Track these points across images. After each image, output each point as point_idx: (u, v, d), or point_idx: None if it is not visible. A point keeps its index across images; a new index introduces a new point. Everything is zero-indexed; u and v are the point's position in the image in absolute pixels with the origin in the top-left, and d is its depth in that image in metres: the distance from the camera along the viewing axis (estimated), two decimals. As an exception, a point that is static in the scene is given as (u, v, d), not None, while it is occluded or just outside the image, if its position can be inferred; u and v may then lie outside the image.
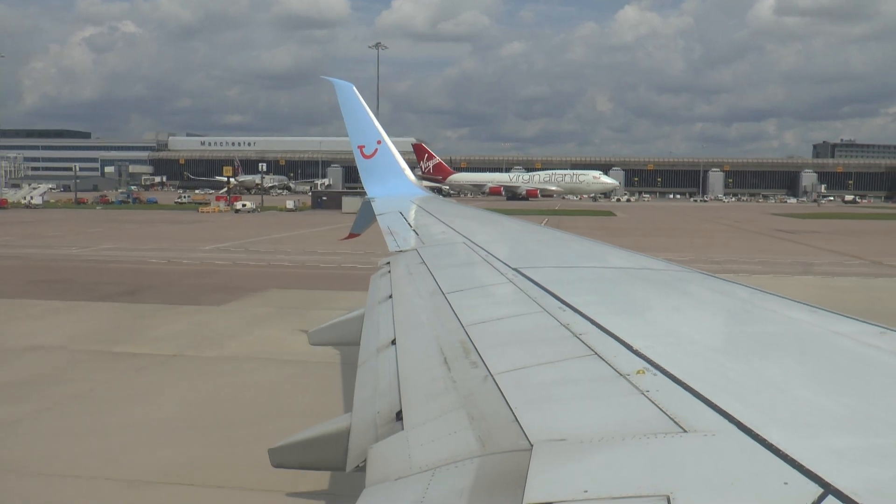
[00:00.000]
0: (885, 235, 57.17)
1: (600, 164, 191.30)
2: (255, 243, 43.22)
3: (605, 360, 2.89)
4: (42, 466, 10.06)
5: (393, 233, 9.26)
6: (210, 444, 10.94)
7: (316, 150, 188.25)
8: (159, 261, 33.70)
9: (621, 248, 7.29)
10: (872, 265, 35.28)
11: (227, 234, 51.22)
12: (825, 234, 56.60)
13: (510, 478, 2.00)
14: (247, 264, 33.05)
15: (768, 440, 1.97)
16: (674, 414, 2.24)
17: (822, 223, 74.18)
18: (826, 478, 1.73)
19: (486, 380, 2.90)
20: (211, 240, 45.41)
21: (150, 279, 27.77)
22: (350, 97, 15.92)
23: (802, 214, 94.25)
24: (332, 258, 35.30)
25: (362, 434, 2.96)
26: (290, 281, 27.87)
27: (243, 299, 23.31)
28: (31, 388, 13.63)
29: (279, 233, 52.78)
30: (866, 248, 45.11)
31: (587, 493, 1.81)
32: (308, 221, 66.84)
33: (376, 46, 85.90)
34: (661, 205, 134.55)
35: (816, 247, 45.54)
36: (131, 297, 23.46)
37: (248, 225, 61.37)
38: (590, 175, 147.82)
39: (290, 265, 33.14)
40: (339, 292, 24.34)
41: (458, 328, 3.83)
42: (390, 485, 2.31)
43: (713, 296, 4.66)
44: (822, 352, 3.09)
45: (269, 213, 80.00)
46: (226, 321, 19.93)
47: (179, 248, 40.16)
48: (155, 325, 19.18)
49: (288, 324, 19.16)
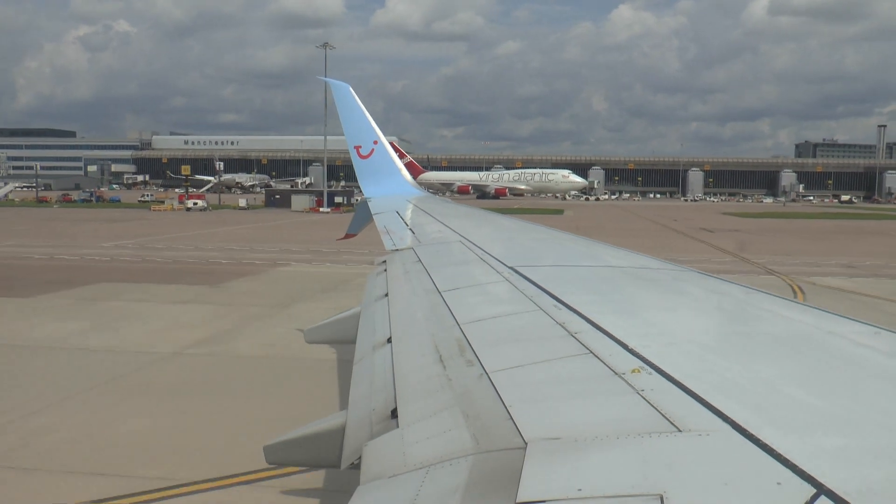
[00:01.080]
0: (790, 235, 58.86)
1: (581, 163, 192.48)
2: (160, 240, 44.48)
3: (601, 358, 2.89)
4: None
5: (389, 232, 9.26)
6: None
7: (298, 148, 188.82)
8: (23, 256, 34.88)
9: (618, 248, 7.29)
10: (737, 262, 36.50)
11: (146, 230, 52.71)
12: (740, 233, 58.22)
13: (504, 476, 2.00)
14: (118, 259, 34.35)
15: (762, 440, 1.98)
16: (669, 413, 2.24)
17: (754, 222, 76.18)
18: (819, 478, 1.74)
19: (481, 378, 2.90)
20: (122, 237, 46.40)
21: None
22: (346, 97, 15.90)
23: (751, 214, 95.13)
24: (210, 254, 36.65)
25: (357, 431, 2.96)
26: (127, 275, 29.16)
27: (59, 292, 24.51)
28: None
29: (198, 230, 54.04)
30: (756, 245, 46.78)
31: (581, 491, 1.81)
32: (243, 219, 68.05)
33: (324, 46, 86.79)
34: (625, 204, 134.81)
35: (711, 244, 47.41)
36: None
37: (179, 223, 62.50)
38: (559, 174, 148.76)
39: (160, 260, 34.32)
40: (159, 285, 26.32)
41: (454, 326, 3.83)
42: (385, 482, 2.31)
43: (709, 295, 4.66)
44: (816, 352, 3.10)
45: (218, 212, 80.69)
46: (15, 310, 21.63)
47: (75, 244, 40.99)
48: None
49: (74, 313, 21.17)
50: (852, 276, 31.56)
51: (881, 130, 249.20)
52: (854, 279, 30.38)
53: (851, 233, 61.67)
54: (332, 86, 16.11)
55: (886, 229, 65.94)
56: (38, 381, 14.22)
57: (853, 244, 50.21)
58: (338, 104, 15.91)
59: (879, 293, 26.37)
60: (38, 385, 13.96)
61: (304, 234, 50.09)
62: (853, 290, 27.14)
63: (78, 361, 15.70)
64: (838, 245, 48.83)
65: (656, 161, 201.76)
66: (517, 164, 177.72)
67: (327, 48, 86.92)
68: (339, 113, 15.86)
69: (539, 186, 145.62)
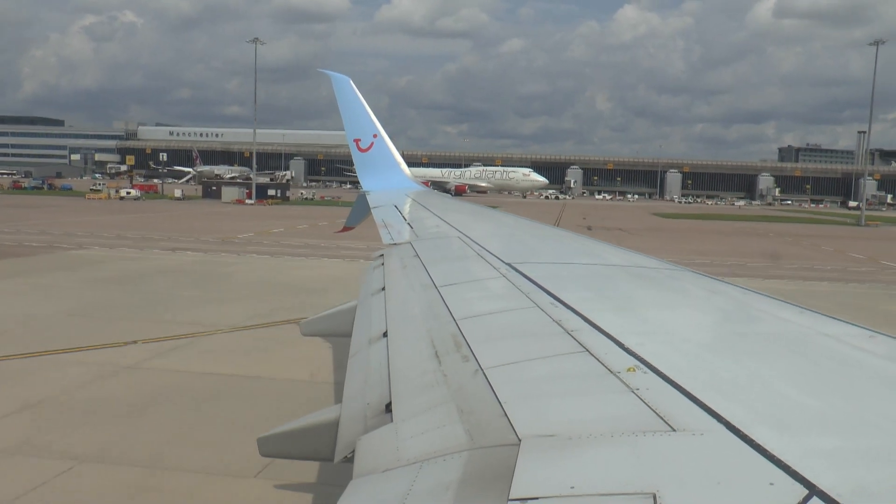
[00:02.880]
0: (679, 234, 59.75)
1: (560, 162, 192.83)
2: (30, 225, 45.22)
3: (597, 356, 2.89)
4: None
5: (387, 226, 9.25)
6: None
7: (279, 142, 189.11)
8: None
9: (615, 246, 7.29)
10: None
11: (41, 216, 53.14)
12: (624, 232, 58.47)
13: (498, 472, 2.00)
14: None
15: (756, 440, 1.98)
16: (663, 412, 2.24)
17: (671, 222, 77.49)
18: (811, 479, 1.74)
19: (476, 374, 2.90)
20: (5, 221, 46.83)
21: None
22: (346, 90, 15.85)
23: (680, 215, 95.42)
24: (43, 237, 37.57)
25: (351, 425, 2.96)
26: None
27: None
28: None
29: (101, 217, 54.53)
30: (627, 243, 47.84)
31: (574, 489, 1.81)
32: (162, 208, 68.94)
33: (254, 41, 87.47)
34: (577, 203, 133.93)
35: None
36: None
37: (93, 210, 62.80)
38: (519, 172, 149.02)
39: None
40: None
41: (450, 322, 3.82)
42: (378, 476, 2.31)
43: (705, 295, 4.66)
44: (811, 354, 3.10)
45: (150, 202, 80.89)
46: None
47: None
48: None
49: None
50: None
51: (861, 136, 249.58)
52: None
53: (741, 234, 61.94)
54: (333, 78, 16.05)
55: (784, 232, 66.50)
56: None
57: (726, 243, 51.04)
58: (338, 97, 15.86)
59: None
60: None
61: (198, 225, 50.13)
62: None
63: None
64: (711, 244, 49.33)
65: (636, 162, 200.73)
66: (496, 161, 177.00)
67: (257, 43, 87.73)
68: (339, 106, 15.81)
69: (500, 184, 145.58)
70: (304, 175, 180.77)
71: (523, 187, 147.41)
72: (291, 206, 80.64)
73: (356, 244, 36.96)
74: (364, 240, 39.42)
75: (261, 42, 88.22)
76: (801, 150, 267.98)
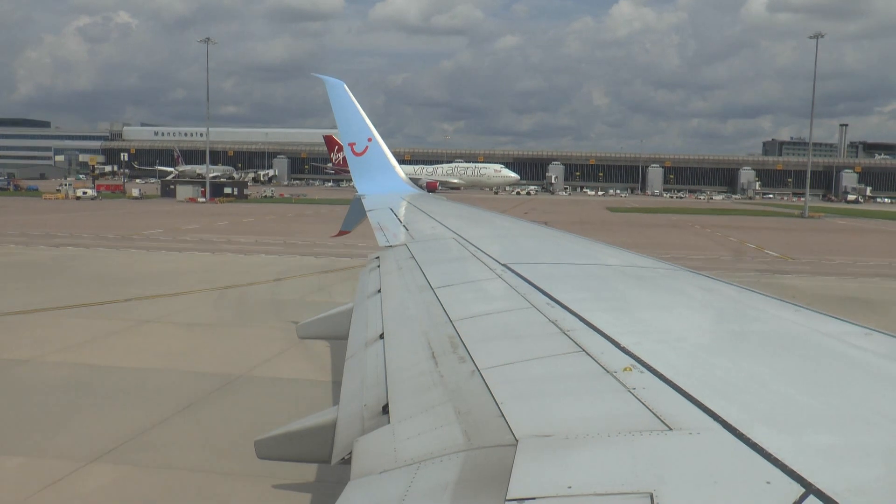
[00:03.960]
0: (609, 226, 59.84)
1: (542, 158, 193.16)
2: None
3: (593, 356, 2.89)
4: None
5: (383, 228, 9.25)
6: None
7: (263, 141, 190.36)
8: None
9: (611, 246, 7.30)
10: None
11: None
12: (563, 224, 57.94)
13: (495, 473, 2.00)
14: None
15: (752, 439, 1.98)
16: (660, 412, 2.25)
17: (618, 216, 77.14)
18: (808, 478, 1.74)
19: (473, 375, 2.90)
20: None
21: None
22: (341, 94, 15.85)
23: (634, 209, 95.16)
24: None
25: (348, 427, 2.96)
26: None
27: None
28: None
29: (37, 216, 54.10)
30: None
31: (571, 489, 1.82)
32: (111, 207, 68.86)
33: (206, 41, 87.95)
34: (544, 198, 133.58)
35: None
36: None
37: (38, 210, 62.20)
38: (491, 168, 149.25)
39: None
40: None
41: (447, 323, 3.83)
42: (375, 478, 2.31)
43: (701, 294, 4.67)
44: (807, 352, 3.11)
45: (108, 201, 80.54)
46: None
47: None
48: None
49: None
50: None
51: (842, 129, 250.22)
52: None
53: (668, 226, 61.88)
54: (327, 83, 16.05)
55: (715, 223, 66.35)
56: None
57: (643, 234, 50.91)
58: (332, 101, 15.86)
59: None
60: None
61: (117, 222, 49.73)
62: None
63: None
64: (625, 236, 48.53)
65: (618, 157, 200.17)
66: (479, 158, 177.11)
67: (209, 43, 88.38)
68: (334, 110, 15.81)
69: (472, 181, 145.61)
70: (287, 173, 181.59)
71: (495, 183, 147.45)
72: (240, 205, 79.96)
73: (245, 239, 38.35)
74: (254, 235, 41.68)
75: (213, 42, 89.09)
76: (785, 143, 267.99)
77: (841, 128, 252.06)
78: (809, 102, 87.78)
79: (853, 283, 28.26)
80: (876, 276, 30.66)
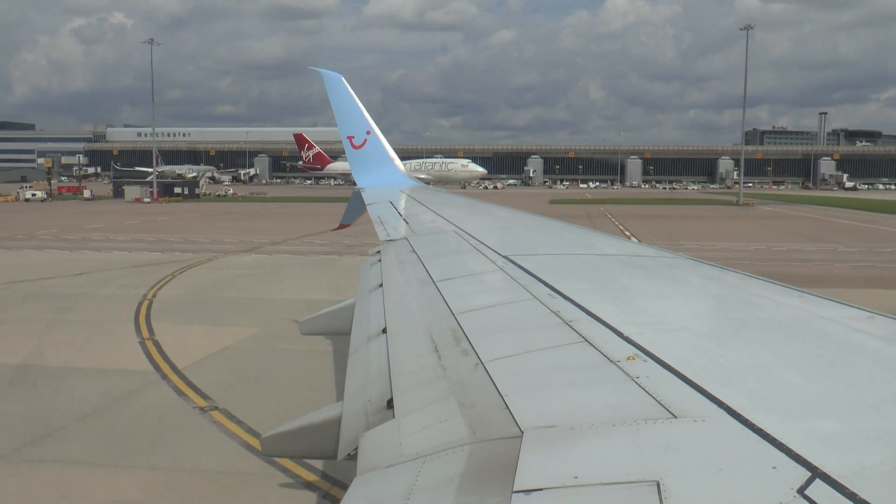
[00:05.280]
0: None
1: (520, 152, 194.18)
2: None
3: (596, 346, 2.89)
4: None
5: (383, 222, 9.24)
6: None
7: (244, 140, 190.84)
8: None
9: (612, 236, 7.30)
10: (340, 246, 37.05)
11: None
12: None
13: (501, 465, 2.00)
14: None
15: (757, 425, 1.98)
16: (664, 400, 2.25)
17: (553, 208, 75.77)
18: (814, 462, 1.75)
19: (476, 367, 2.90)
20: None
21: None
22: (339, 88, 15.81)
23: (571, 200, 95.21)
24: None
25: (353, 422, 2.96)
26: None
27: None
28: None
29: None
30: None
31: (577, 479, 1.82)
32: (53, 208, 69.37)
33: (150, 42, 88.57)
34: (507, 192, 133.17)
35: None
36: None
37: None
38: (458, 163, 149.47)
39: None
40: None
41: (449, 316, 3.83)
42: (381, 472, 2.31)
43: (703, 282, 4.67)
44: (810, 337, 3.11)
45: (52, 203, 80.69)
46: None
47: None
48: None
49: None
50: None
51: (822, 117, 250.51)
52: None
53: (588, 217, 60.23)
54: (324, 76, 16.01)
55: (637, 213, 66.11)
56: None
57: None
58: (330, 95, 15.82)
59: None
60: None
61: (27, 224, 49.82)
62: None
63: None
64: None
65: (597, 149, 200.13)
66: (458, 153, 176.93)
67: (153, 44, 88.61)
68: (332, 103, 15.78)
69: (440, 175, 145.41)
70: (269, 172, 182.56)
71: (462, 178, 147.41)
72: (183, 204, 79.53)
73: (124, 237, 39.13)
74: (138, 233, 42.06)
75: (157, 43, 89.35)
76: (767, 132, 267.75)
77: (820, 116, 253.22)
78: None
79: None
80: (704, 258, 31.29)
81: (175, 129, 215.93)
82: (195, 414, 11.69)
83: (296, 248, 35.29)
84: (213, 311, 19.90)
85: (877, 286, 24.65)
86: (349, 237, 32.69)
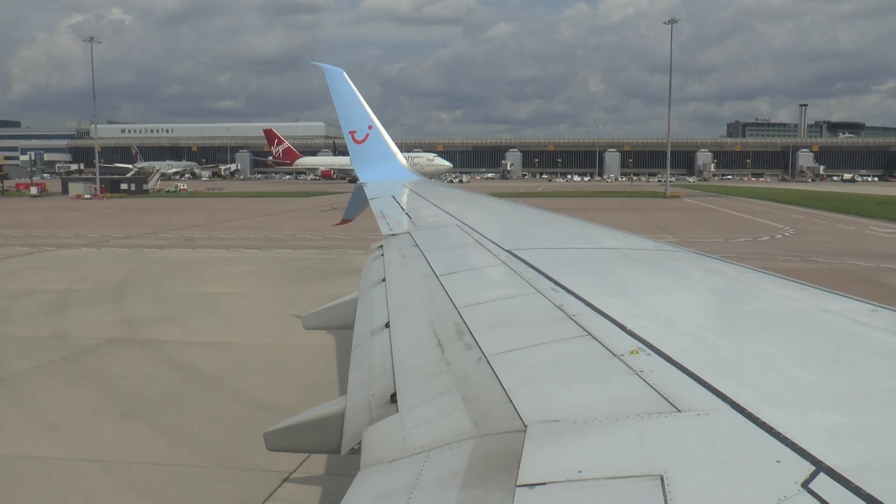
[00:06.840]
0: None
1: (499, 146, 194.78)
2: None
3: (599, 340, 2.89)
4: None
5: (385, 216, 9.24)
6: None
7: (225, 136, 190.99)
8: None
9: (615, 229, 7.28)
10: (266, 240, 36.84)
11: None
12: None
13: (504, 459, 2.00)
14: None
15: (761, 419, 1.98)
16: (667, 393, 2.25)
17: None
18: (818, 455, 1.74)
19: (479, 361, 2.90)
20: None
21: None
22: (340, 82, 15.79)
23: (510, 193, 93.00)
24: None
25: (357, 417, 2.96)
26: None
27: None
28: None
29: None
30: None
31: (581, 473, 1.82)
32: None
33: (90, 41, 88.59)
34: (488, 185, 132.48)
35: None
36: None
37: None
38: (424, 157, 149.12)
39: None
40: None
41: (452, 310, 3.82)
42: (385, 467, 2.31)
43: (706, 275, 4.66)
44: (814, 330, 3.10)
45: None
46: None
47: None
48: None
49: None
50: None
51: (802, 109, 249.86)
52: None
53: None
54: (326, 71, 15.99)
55: (558, 206, 64.81)
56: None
57: None
58: (332, 90, 15.80)
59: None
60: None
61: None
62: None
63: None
64: None
65: (576, 143, 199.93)
66: (438, 147, 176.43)
67: (93, 42, 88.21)
68: (334, 98, 15.76)
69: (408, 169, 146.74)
70: (249, 167, 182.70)
71: (428, 172, 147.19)
72: (122, 200, 78.11)
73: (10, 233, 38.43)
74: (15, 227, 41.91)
75: (97, 41, 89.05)
76: (748, 125, 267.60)
77: (801, 108, 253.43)
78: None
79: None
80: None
81: (158, 126, 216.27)
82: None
83: (137, 242, 34.82)
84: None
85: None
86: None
